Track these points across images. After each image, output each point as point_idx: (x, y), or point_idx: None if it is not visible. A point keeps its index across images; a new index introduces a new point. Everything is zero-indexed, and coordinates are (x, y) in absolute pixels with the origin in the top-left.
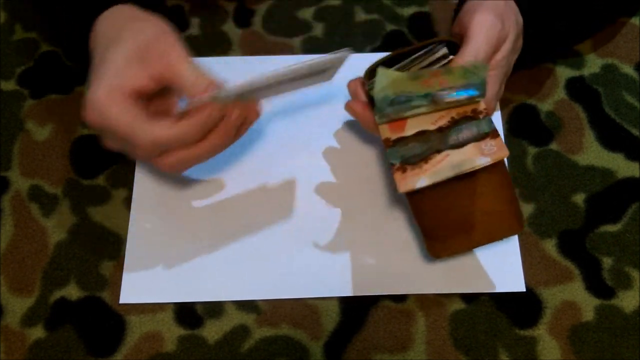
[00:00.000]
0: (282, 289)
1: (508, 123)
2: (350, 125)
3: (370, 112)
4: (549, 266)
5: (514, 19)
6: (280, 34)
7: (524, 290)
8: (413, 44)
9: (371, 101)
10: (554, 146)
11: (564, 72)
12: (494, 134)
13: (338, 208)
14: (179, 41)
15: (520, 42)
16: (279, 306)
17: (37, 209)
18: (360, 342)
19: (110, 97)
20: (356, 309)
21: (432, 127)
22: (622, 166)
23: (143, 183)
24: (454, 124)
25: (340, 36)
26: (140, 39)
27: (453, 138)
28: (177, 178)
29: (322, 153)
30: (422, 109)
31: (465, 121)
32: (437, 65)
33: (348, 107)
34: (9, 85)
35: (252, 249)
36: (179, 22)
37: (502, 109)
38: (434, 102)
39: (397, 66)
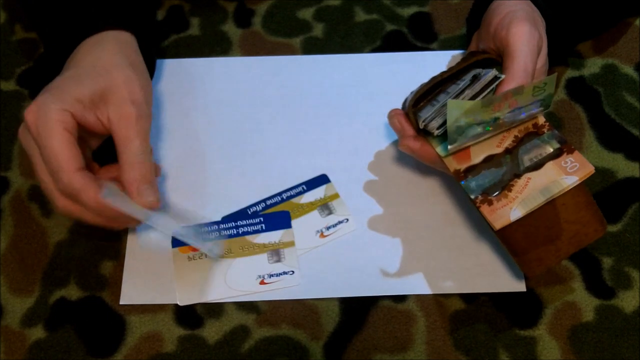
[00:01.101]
0: (282, 289)
1: None
2: (355, 125)
3: (429, 146)
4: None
5: (541, 22)
6: (280, 34)
7: (525, 290)
8: (414, 45)
9: (423, 132)
10: None
11: (564, 72)
12: (568, 148)
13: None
14: (145, 115)
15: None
16: (279, 306)
17: (37, 209)
18: (360, 342)
19: (58, 113)
20: (356, 309)
21: (499, 150)
22: (622, 166)
23: None
24: (520, 142)
25: (340, 36)
26: (112, 86)
27: (526, 158)
28: (177, 179)
29: (325, 152)
30: (487, 135)
31: (530, 138)
32: (490, 88)
33: (404, 146)
34: (9, 85)
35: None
36: (179, 22)
37: None
38: (498, 125)
39: (446, 96)
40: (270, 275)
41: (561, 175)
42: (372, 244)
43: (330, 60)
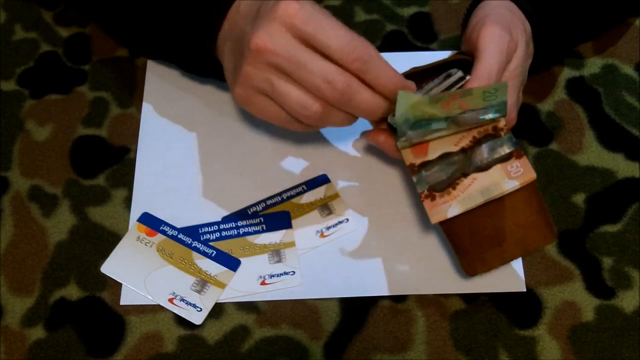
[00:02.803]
0: (282, 289)
1: None
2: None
3: (392, 139)
4: (549, 266)
5: (521, 27)
6: None
7: (525, 290)
8: (414, 45)
9: (390, 126)
10: (554, 146)
11: (564, 72)
12: (518, 153)
13: None
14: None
15: (532, 47)
16: (279, 306)
17: (37, 209)
18: (360, 342)
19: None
20: (356, 309)
21: (455, 149)
22: (622, 166)
23: (143, 183)
24: (477, 143)
25: None
26: None
27: (477, 159)
28: (178, 179)
29: (325, 152)
30: (443, 132)
31: (487, 139)
32: (455, 88)
33: (368, 136)
34: (9, 85)
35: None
36: None
37: None
38: (455, 124)
39: (418, 94)
40: (271, 276)
41: (504, 179)
42: (372, 244)
43: None
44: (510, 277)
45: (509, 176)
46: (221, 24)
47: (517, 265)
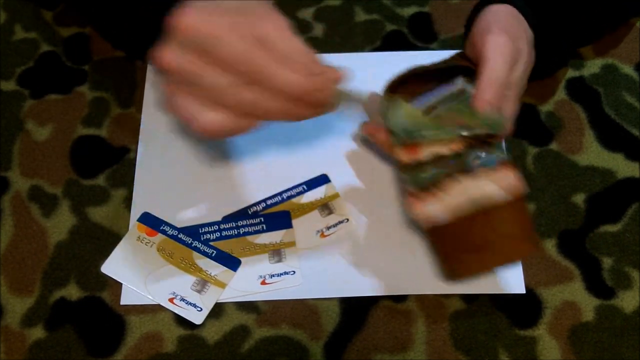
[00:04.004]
0: (283, 289)
1: None
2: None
3: (385, 134)
4: (549, 266)
5: (524, 36)
6: None
7: (524, 292)
8: (414, 45)
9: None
10: (554, 146)
11: (564, 72)
12: (509, 164)
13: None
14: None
15: (533, 54)
16: (279, 306)
17: (37, 209)
18: (360, 342)
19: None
20: (356, 309)
21: (447, 152)
22: (622, 166)
23: (143, 183)
24: (469, 148)
25: (340, 36)
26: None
27: (469, 165)
28: (178, 179)
29: (325, 152)
30: (436, 137)
31: (481, 146)
32: (456, 101)
33: (365, 129)
34: (9, 85)
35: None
36: None
37: None
38: (449, 133)
39: (417, 102)
40: (272, 276)
41: (494, 189)
42: (372, 244)
43: (330, 60)
44: (510, 279)
45: (499, 187)
46: None
47: (517, 267)
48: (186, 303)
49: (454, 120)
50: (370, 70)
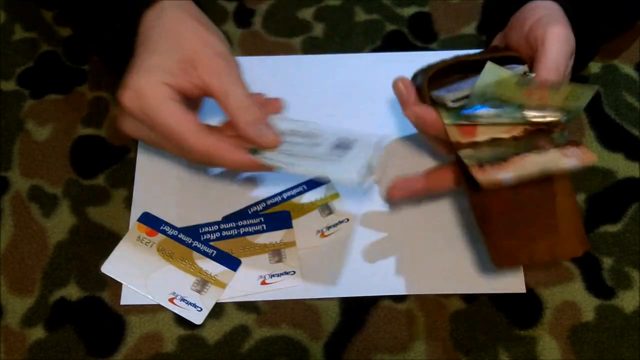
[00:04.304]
0: (283, 289)
1: None
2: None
3: (435, 113)
4: (549, 266)
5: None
6: (280, 34)
7: (524, 291)
8: (414, 45)
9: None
10: None
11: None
12: (575, 143)
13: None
14: (233, 62)
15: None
16: (279, 306)
17: (37, 209)
18: (360, 342)
19: (158, 89)
20: (356, 309)
21: (506, 135)
22: (622, 166)
23: (143, 183)
24: (528, 134)
25: (340, 36)
26: (191, 48)
27: (531, 146)
28: (178, 179)
29: None
30: (500, 119)
31: (540, 133)
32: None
33: (410, 111)
34: (9, 85)
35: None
36: None
37: None
38: (521, 116)
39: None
40: (272, 276)
41: (561, 158)
42: (372, 244)
43: (330, 60)
44: (510, 278)
45: (566, 156)
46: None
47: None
48: (186, 303)
49: (540, 95)
50: (370, 70)
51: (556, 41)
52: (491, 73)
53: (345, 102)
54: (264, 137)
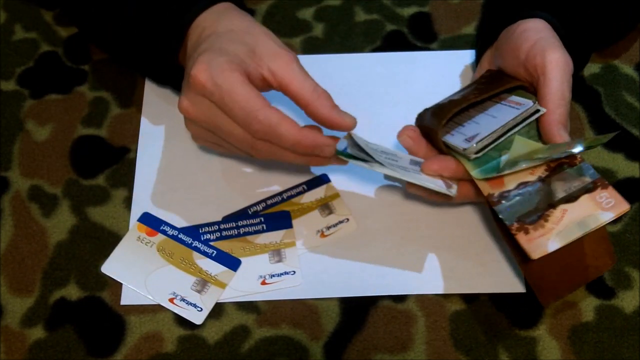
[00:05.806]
0: (283, 289)
1: None
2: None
3: (463, 168)
4: None
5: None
6: (280, 34)
7: (524, 291)
8: (414, 45)
9: (448, 151)
10: None
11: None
12: (602, 183)
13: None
14: (294, 55)
15: None
16: (279, 306)
17: (37, 209)
18: (360, 342)
19: (230, 65)
20: (356, 309)
21: (532, 178)
22: (622, 166)
23: (143, 183)
24: (552, 171)
25: (340, 36)
26: (257, 41)
27: (560, 189)
28: (178, 179)
29: None
30: (528, 165)
31: (563, 168)
32: (528, 121)
33: (434, 166)
34: (9, 85)
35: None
36: None
37: None
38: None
39: (467, 130)
40: (272, 276)
41: (597, 211)
42: (372, 244)
43: (330, 60)
44: (510, 278)
45: (601, 208)
46: (186, 33)
47: (516, 266)
48: (186, 303)
49: (566, 147)
50: (370, 70)
51: (556, 68)
52: (522, 147)
53: (345, 102)
54: (347, 117)
